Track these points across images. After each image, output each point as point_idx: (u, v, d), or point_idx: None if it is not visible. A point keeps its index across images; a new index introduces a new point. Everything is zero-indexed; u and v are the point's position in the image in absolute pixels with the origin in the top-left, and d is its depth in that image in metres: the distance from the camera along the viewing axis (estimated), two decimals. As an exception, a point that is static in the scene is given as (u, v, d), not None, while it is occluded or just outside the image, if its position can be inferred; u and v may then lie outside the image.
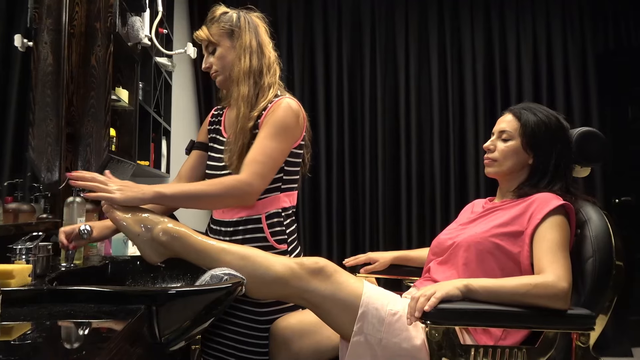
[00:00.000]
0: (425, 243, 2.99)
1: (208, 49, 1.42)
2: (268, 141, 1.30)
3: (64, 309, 0.85)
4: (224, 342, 1.38)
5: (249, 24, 1.41)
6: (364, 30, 3.18)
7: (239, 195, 1.27)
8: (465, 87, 3.24)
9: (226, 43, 1.39)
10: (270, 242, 1.36)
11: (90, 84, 1.66)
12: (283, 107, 1.34)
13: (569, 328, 1.10)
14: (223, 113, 1.51)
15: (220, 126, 1.48)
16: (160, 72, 2.54)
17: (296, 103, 1.38)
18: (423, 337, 1.12)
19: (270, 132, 1.31)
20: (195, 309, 0.96)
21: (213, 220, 1.46)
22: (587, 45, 3.30)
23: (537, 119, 1.33)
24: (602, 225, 1.22)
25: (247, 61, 1.37)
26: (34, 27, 1.54)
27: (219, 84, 1.45)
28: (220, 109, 1.54)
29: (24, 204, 1.45)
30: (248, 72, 1.36)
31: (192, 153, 1.52)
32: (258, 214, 1.36)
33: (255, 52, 1.39)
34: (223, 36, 1.39)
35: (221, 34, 1.39)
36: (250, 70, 1.37)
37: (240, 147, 1.32)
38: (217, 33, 1.39)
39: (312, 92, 3.09)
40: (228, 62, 1.39)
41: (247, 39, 1.39)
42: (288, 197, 1.42)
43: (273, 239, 1.37)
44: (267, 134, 1.31)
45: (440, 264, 1.34)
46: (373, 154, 3.14)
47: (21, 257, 1.06)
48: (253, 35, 1.40)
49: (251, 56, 1.37)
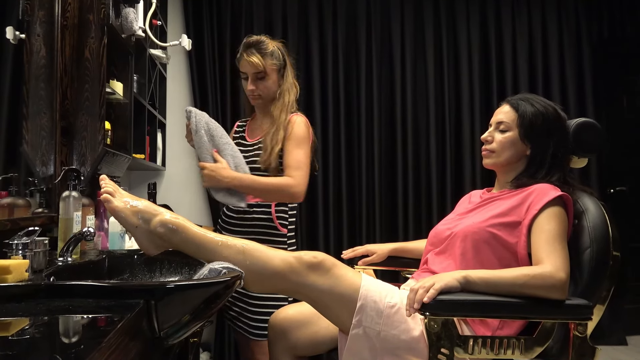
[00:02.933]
0: (422, 235, 3.00)
1: (257, 75, 1.66)
2: (297, 150, 1.62)
3: (62, 304, 0.84)
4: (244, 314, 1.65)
5: (289, 64, 1.71)
6: (359, 23, 3.16)
7: (290, 193, 1.58)
8: (461, 79, 3.23)
9: (274, 76, 1.68)
10: (274, 223, 1.67)
11: (84, 76, 1.64)
12: (299, 123, 1.65)
13: (567, 318, 1.11)
14: (246, 124, 1.82)
15: (244, 133, 1.79)
16: (154, 64, 2.51)
17: (305, 119, 1.70)
18: (422, 328, 1.12)
19: (298, 143, 1.63)
20: (194, 303, 0.95)
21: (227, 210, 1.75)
22: (582, 35, 3.30)
23: (534, 109, 1.33)
24: (599, 215, 1.23)
25: (290, 97, 1.69)
26: (26, 20, 1.52)
27: (257, 105, 1.73)
28: (244, 122, 1.85)
29: (19, 199, 1.43)
30: (289, 105, 1.68)
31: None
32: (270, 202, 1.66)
33: (294, 86, 1.72)
34: (274, 70, 1.67)
35: (273, 69, 1.67)
36: (290, 103, 1.69)
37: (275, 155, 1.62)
38: (270, 67, 1.66)
39: (308, 84, 3.07)
40: (272, 92, 1.68)
41: (290, 78, 1.70)
42: None
43: (278, 222, 1.67)
44: (295, 145, 1.62)
45: (438, 254, 1.34)
46: (369, 146, 3.14)
47: (18, 253, 1.05)
48: (292, 73, 1.71)
49: (290, 91, 1.70)
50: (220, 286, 0.99)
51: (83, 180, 1.54)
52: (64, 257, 1.23)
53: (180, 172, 2.97)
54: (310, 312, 1.24)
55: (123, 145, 1.91)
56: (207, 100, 2.92)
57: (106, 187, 1.16)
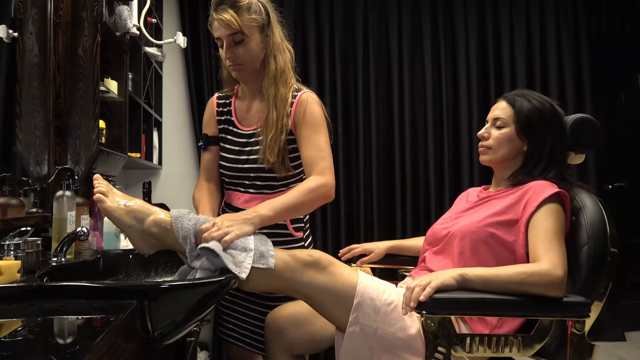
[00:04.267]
0: (420, 232, 2.99)
1: (234, 37, 1.32)
2: (315, 136, 1.33)
3: (54, 305, 0.83)
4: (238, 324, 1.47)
5: (275, 20, 1.38)
6: (356, 19, 3.15)
7: (325, 194, 1.29)
8: (459, 75, 3.22)
9: (257, 37, 1.33)
10: (289, 230, 1.42)
11: (77, 75, 1.63)
12: (311, 102, 1.36)
13: (564, 316, 1.10)
14: (231, 102, 1.47)
15: (231, 117, 1.45)
16: (150, 62, 2.50)
17: (315, 95, 1.40)
18: (419, 326, 1.12)
19: (313, 128, 1.34)
20: (189, 303, 0.95)
21: (230, 206, 1.46)
22: (581, 31, 3.29)
23: (531, 105, 1.32)
24: (596, 212, 1.22)
25: (280, 61, 1.35)
26: (19, 18, 1.51)
27: (240, 77, 1.39)
28: (225, 97, 1.49)
29: (13, 199, 1.42)
30: (282, 72, 1.35)
31: (211, 148, 1.49)
32: None
33: (285, 50, 1.38)
34: (254, 29, 1.33)
35: (253, 26, 1.32)
36: (285, 69, 1.36)
37: (278, 145, 1.33)
38: (250, 24, 1.31)
39: (305, 80, 3.06)
40: (256, 56, 1.34)
41: (277, 36, 1.36)
42: None
43: (292, 227, 1.42)
44: (313, 130, 1.33)
45: (436, 253, 1.33)
46: (367, 143, 3.13)
47: (9, 253, 1.04)
48: (279, 31, 1.38)
49: (283, 55, 1.36)
50: (214, 286, 0.99)
51: (77, 180, 1.53)
52: (58, 258, 1.22)
53: (177, 171, 2.96)
54: (308, 310, 1.23)
55: (118, 144, 1.90)
56: (204, 98, 2.90)
57: (99, 187, 1.15)
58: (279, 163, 1.34)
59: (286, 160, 1.36)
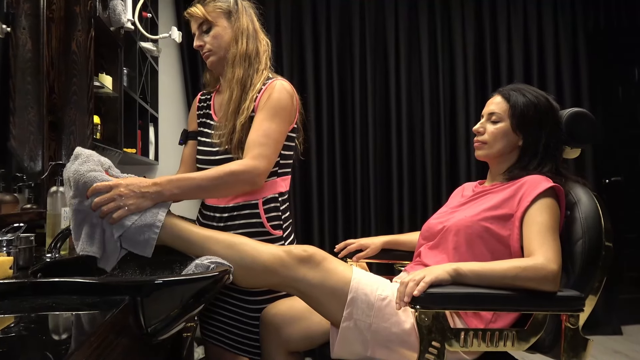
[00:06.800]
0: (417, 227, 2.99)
1: (202, 27, 1.40)
2: (267, 123, 1.29)
3: (47, 301, 0.83)
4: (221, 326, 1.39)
5: (245, 8, 1.42)
6: (353, 15, 3.13)
7: (248, 180, 1.25)
8: (456, 70, 3.21)
9: (223, 23, 1.38)
10: (266, 228, 1.35)
11: (71, 70, 1.62)
12: (278, 88, 1.33)
13: (559, 310, 1.10)
14: (211, 97, 1.49)
15: (209, 110, 1.47)
16: (145, 57, 2.49)
17: (289, 85, 1.37)
18: (413, 321, 1.12)
19: (269, 114, 1.30)
20: (182, 299, 0.94)
21: (205, 206, 1.44)
22: (578, 25, 3.28)
23: (526, 100, 1.32)
24: (591, 206, 1.22)
25: (244, 44, 1.37)
26: (11, 12, 1.50)
27: (211, 65, 1.43)
28: (207, 93, 1.52)
29: (7, 195, 1.42)
30: (244, 55, 1.36)
31: (189, 143, 1.51)
32: (255, 199, 1.35)
33: (252, 36, 1.39)
34: (220, 16, 1.38)
35: (218, 13, 1.38)
36: (247, 53, 1.37)
37: (231, 129, 1.32)
38: (214, 12, 1.38)
39: (302, 77, 3.05)
40: (223, 42, 1.38)
41: (244, 21, 1.39)
42: (284, 181, 1.41)
43: (269, 224, 1.35)
44: (266, 115, 1.30)
45: (431, 248, 1.33)
46: (364, 139, 3.12)
47: (1, 250, 1.04)
48: (249, 19, 1.41)
49: (248, 39, 1.38)
50: (208, 281, 0.98)
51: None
52: (52, 253, 1.21)
53: (173, 166, 2.93)
54: (303, 307, 1.23)
55: (113, 139, 1.90)
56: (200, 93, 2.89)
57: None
58: (235, 147, 1.31)
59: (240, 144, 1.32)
